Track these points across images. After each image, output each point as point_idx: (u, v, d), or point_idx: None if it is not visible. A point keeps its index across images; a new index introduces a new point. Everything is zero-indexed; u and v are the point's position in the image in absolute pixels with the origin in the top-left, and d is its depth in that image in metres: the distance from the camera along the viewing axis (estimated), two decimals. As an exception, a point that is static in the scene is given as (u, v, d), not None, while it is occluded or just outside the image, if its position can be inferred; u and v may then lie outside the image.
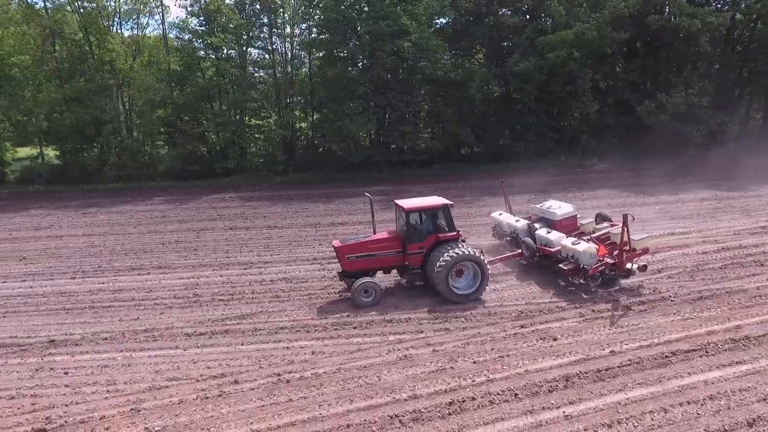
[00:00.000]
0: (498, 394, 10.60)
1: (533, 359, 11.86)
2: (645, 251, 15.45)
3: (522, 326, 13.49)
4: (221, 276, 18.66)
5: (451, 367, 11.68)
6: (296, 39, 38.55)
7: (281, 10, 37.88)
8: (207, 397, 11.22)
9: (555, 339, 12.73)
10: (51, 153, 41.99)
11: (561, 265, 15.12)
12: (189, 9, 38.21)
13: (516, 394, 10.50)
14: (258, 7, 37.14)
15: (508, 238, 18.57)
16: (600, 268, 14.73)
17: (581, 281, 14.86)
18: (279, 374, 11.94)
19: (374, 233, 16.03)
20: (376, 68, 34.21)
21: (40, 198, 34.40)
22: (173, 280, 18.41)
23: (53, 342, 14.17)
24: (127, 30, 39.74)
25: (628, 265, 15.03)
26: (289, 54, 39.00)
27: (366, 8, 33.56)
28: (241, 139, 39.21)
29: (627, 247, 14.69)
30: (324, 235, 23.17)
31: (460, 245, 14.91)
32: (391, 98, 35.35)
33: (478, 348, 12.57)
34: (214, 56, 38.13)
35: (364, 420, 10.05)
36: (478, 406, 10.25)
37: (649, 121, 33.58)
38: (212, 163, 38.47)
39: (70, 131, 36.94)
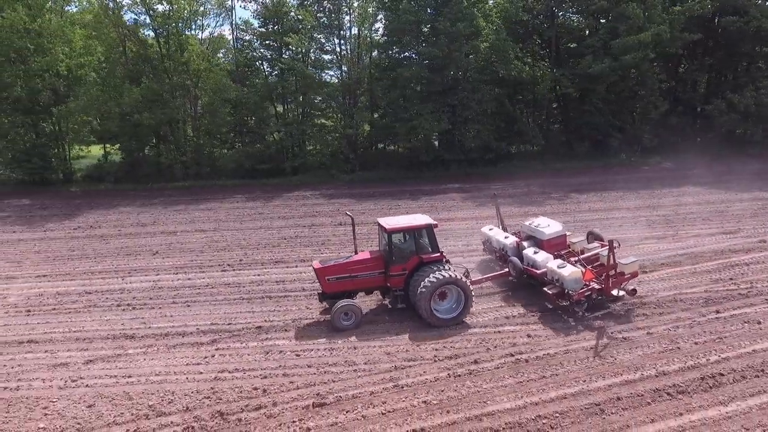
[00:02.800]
0: (742, 370, 11.51)
1: (752, 340, 12.79)
2: (634, 275, 15.01)
3: (717, 311, 14.39)
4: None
5: (678, 348, 12.56)
6: (367, 39, 39.17)
7: (350, 10, 38.61)
8: (458, 375, 12.07)
9: (759, 323, 13.66)
10: (111, 151, 42.43)
11: (545, 289, 14.75)
12: (256, 10, 38.80)
13: (763, 370, 11.40)
14: (330, 7, 37.81)
15: (497, 255, 18.23)
16: (586, 293, 14.25)
17: (566, 304, 14.46)
18: (512, 354, 12.78)
19: (355, 253, 15.63)
20: (451, 68, 35.08)
21: (115, 196, 34.94)
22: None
23: (260, 328, 14.96)
24: (196, 31, 40.25)
25: (614, 291, 14.69)
26: (355, 54, 39.65)
27: (444, 10, 34.35)
28: (309, 138, 40.00)
29: (614, 272, 14.44)
30: (448, 229, 23.68)
31: (443, 267, 14.49)
32: (462, 98, 36.23)
33: (689, 331, 13.46)
34: (277, 56, 38.81)
35: (630, 393, 10.95)
36: (733, 380, 11.14)
37: (720, 120, 34.67)
38: (280, 162, 39.15)
39: (147, 131, 37.51)
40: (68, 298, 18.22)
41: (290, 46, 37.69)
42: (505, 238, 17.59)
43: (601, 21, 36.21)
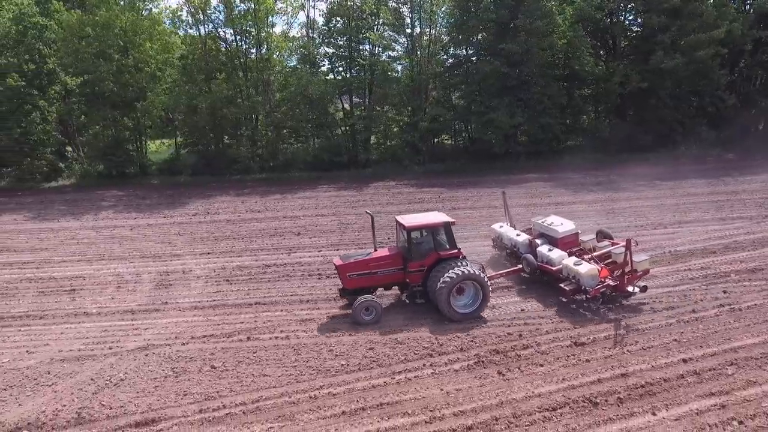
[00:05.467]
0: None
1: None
2: (646, 272, 15.69)
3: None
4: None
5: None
6: (443, 37, 41.40)
7: (421, 7, 40.80)
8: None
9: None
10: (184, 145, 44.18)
11: (562, 285, 15.41)
12: (330, 8, 40.83)
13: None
14: (407, 7, 40.04)
15: (507, 252, 18.84)
16: (601, 290, 14.99)
17: (583, 299, 15.37)
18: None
19: (375, 250, 16.26)
20: (528, 64, 37.39)
21: (198, 187, 36.58)
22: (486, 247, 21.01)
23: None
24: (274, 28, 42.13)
25: (629, 288, 15.38)
26: (426, 49, 41.81)
27: (522, 8, 36.64)
28: (380, 131, 42.12)
29: (629, 270, 15.18)
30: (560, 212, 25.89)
31: (461, 263, 15.06)
32: (535, 92, 38.51)
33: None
34: (348, 53, 40.89)
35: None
36: None
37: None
38: (354, 155, 41.20)
39: (228, 124, 39.45)
40: (253, 270, 20.29)
41: (369, 43, 39.79)
42: (517, 235, 18.23)
43: (670, 17, 38.47)
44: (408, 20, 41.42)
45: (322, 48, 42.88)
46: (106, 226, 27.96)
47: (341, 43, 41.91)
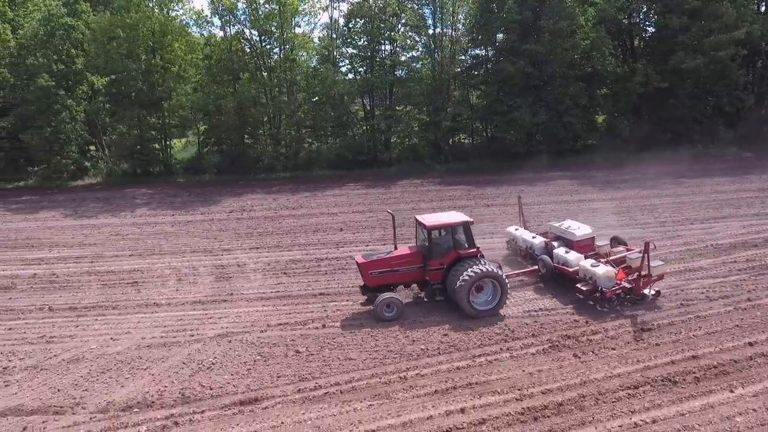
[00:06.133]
0: None
1: None
2: (660, 277, 16.03)
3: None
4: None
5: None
6: (461, 38, 42.23)
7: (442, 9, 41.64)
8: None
9: None
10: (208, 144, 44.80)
11: (578, 285, 15.89)
12: (355, 8, 41.59)
13: None
14: (429, 8, 40.91)
15: (522, 253, 19.46)
16: (617, 291, 15.44)
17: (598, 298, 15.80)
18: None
19: (395, 249, 16.87)
20: (552, 64, 38.24)
21: (226, 186, 37.32)
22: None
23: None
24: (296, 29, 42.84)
25: (645, 291, 15.79)
26: (447, 49, 42.61)
27: (545, 9, 37.50)
28: (402, 131, 42.88)
29: (645, 273, 15.56)
30: (592, 209, 26.75)
31: (480, 262, 15.52)
32: (557, 92, 39.35)
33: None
34: (367, 53, 41.70)
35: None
36: None
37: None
38: (377, 154, 41.94)
39: (254, 124, 40.17)
40: (307, 263, 21.01)
41: (391, 43, 40.57)
42: (533, 238, 18.87)
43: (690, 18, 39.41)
44: (429, 21, 42.23)
45: (342, 48, 43.65)
46: (146, 222, 28.62)
47: (362, 43, 42.72)
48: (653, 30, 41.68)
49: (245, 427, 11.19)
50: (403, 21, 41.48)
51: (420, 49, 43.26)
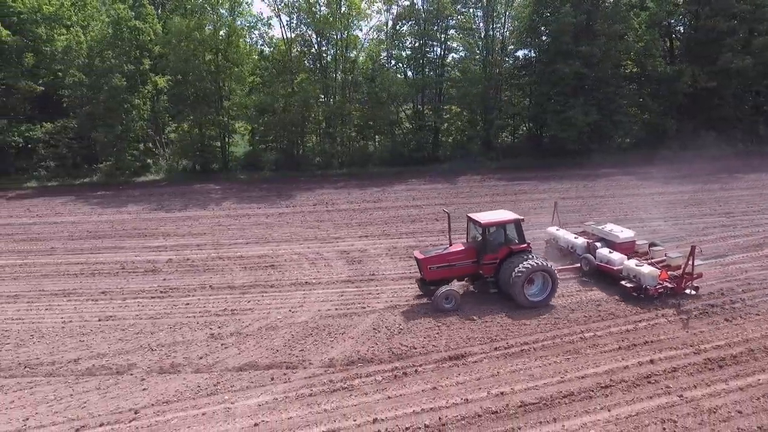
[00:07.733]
0: None
1: None
2: (699, 276, 17.10)
3: None
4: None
5: None
6: (510, 40, 44.33)
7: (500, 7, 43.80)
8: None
9: None
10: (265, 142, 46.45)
11: (623, 283, 17.22)
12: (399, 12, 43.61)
13: None
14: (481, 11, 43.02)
15: (562, 252, 20.65)
16: (660, 290, 16.63)
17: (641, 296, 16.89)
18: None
19: (450, 245, 17.88)
20: (605, 65, 40.34)
21: (287, 182, 38.74)
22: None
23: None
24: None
25: (686, 290, 16.98)
26: (499, 51, 44.67)
27: (599, 12, 39.65)
28: (454, 130, 44.89)
29: (689, 274, 16.72)
30: (670, 202, 28.78)
31: (531, 256, 16.70)
32: (609, 91, 41.44)
33: None
34: (419, 55, 43.71)
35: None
36: None
37: None
38: (431, 151, 43.84)
39: (316, 122, 42.00)
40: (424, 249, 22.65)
41: (441, 44, 42.64)
42: (575, 238, 20.31)
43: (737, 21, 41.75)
44: (482, 24, 44.26)
45: (393, 51, 45.59)
46: (239, 214, 30.29)
47: (411, 45, 44.76)
48: (696, 32, 43.78)
49: (466, 376, 12.96)
50: (453, 23, 43.42)
51: (473, 51, 45.21)
